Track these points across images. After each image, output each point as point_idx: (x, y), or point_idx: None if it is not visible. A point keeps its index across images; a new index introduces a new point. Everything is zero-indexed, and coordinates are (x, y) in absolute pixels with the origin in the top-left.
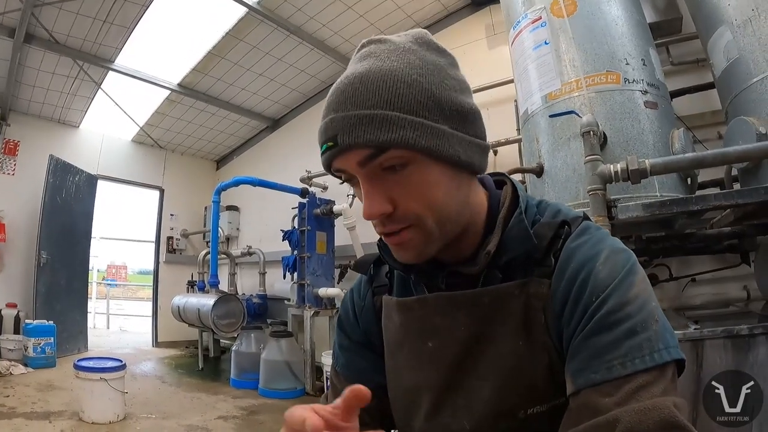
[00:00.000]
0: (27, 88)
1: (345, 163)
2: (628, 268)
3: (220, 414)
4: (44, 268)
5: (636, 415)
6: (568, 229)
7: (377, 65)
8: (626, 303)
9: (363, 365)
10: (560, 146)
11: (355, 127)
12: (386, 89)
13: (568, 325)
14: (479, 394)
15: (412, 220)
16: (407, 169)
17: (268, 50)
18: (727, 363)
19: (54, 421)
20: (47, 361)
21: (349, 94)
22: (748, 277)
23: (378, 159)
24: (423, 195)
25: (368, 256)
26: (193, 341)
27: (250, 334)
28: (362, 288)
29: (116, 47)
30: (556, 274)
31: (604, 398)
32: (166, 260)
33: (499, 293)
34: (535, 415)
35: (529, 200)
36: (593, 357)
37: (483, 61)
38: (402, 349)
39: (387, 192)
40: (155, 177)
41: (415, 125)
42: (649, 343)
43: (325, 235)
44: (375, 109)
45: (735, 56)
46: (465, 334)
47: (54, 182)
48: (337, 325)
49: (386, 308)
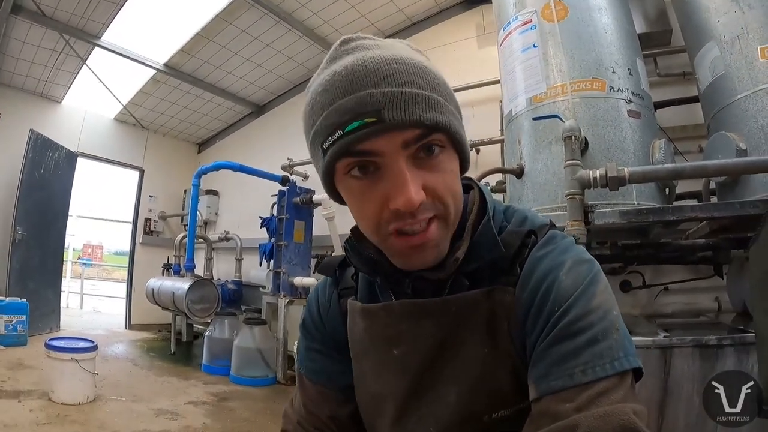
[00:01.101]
0: (11, 60)
1: (385, 144)
2: (591, 278)
3: (191, 399)
4: (19, 244)
5: (595, 420)
6: (534, 238)
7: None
8: (588, 312)
9: (328, 368)
10: (542, 149)
11: (407, 104)
12: (425, 75)
13: (531, 333)
14: (444, 400)
15: (437, 210)
16: (440, 156)
17: (257, 35)
18: (694, 372)
19: (23, 401)
20: (18, 340)
21: (385, 71)
22: (719, 289)
23: (424, 140)
24: (450, 183)
25: (333, 258)
26: (166, 325)
27: (224, 320)
28: (327, 290)
29: (104, 23)
30: (521, 283)
31: (564, 404)
32: (142, 242)
33: (466, 301)
34: (500, 419)
35: (496, 206)
36: (555, 364)
37: (471, 59)
38: (367, 356)
39: (421, 180)
40: (136, 157)
41: (453, 113)
42: (609, 351)
43: (303, 224)
44: (424, 90)
45: (721, 72)
46: (431, 341)
47: (33, 157)
48: (301, 327)
49: (351, 313)
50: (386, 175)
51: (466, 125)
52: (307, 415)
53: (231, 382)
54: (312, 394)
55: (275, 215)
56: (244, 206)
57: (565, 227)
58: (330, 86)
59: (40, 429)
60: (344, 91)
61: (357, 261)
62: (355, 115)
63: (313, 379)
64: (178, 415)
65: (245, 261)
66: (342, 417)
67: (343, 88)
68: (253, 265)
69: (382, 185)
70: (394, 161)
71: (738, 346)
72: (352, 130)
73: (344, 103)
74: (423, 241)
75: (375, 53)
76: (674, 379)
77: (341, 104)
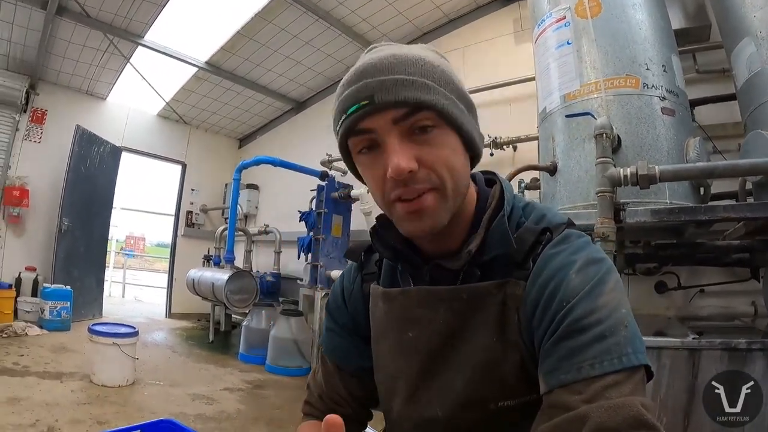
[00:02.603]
0: (57, 59)
1: (377, 122)
2: (600, 277)
3: (226, 386)
4: (65, 234)
5: (605, 411)
6: (549, 235)
7: (405, 51)
8: (594, 310)
9: (347, 349)
10: (575, 146)
11: (394, 87)
12: (420, 65)
13: (538, 329)
14: (452, 385)
15: (433, 183)
16: (434, 132)
17: (296, 33)
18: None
19: (65, 382)
20: (62, 325)
21: (384, 65)
22: (756, 293)
23: (412, 118)
24: (446, 157)
25: (360, 244)
26: (205, 314)
27: (261, 311)
28: (352, 274)
29: (146, 23)
30: (531, 279)
31: (573, 396)
32: (184, 234)
33: (478, 291)
34: (505, 408)
35: (516, 202)
36: (563, 359)
37: (509, 56)
38: (386, 338)
39: (414, 152)
40: (178, 152)
41: (446, 96)
42: (617, 347)
43: (341, 218)
44: (413, 76)
45: (757, 68)
46: (443, 327)
47: (79, 152)
48: (326, 308)
49: (373, 297)
50: (383, 149)
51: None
52: (327, 390)
53: (266, 371)
54: (332, 370)
55: (314, 209)
56: (283, 200)
57: (596, 225)
58: (345, 81)
59: (81, 408)
60: (351, 83)
61: (381, 247)
62: (355, 100)
63: (333, 358)
64: (213, 400)
65: (284, 254)
66: (358, 396)
67: (351, 81)
68: (291, 258)
69: (383, 158)
70: (386, 136)
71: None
72: (352, 113)
73: (349, 92)
74: (418, 207)
75: (382, 53)
76: (702, 381)
77: (347, 93)
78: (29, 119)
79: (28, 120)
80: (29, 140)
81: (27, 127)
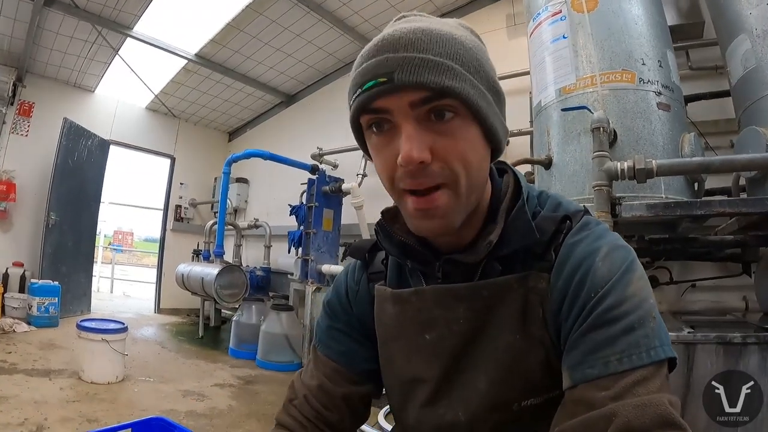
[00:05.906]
0: (44, 51)
1: (394, 102)
2: (627, 265)
3: (217, 382)
4: (52, 229)
5: (633, 409)
6: (569, 223)
7: (436, 26)
8: (624, 300)
9: (351, 349)
10: (570, 140)
11: (418, 68)
12: (449, 45)
13: (566, 321)
14: (475, 386)
15: (446, 178)
16: (453, 122)
17: (287, 26)
18: (717, 368)
19: (54, 379)
20: (50, 321)
21: (409, 39)
22: (747, 288)
23: (432, 103)
24: (463, 152)
25: (364, 241)
26: (195, 309)
27: (252, 306)
28: (357, 273)
29: (136, 14)
30: (556, 269)
31: (600, 392)
32: (173, 228)
33: (499, 286)
34: (530, 407)
35: (530, 191)
36: (590, 352)
37: (501, 50)
38: (396, 341)
39: (429, 141)
40: (167, 145)
41: (472, 83)
42: (646, 340)
43: (332, 212)
44: (439, 57)
45: (752, 65)
46: (464, 327)
47: (67, 145)
48: (325, 305)
49: (379, 299)
50: (397, 133)
51: None
52: (318, 392)
53: (257, 366)
54: (329, 372)
55: (304, 203)
56: (273, 194)
57: None
58: (365, 52)
59: (70, 406)
60: (370, 56)
61: (387, 244)
62: (372, 76)
63: (333, 358)
64: (204, 397)
65: (274, 248)
66: (355, 398)
67: (371, 53)
68: (281, 252)
69: (395, 143)
70: (401, 119)
71: (763, 344)
72: (368, 89)
73: (368, 65)
74: (429, 205)
75: (411, 25)
76: (696, 375)
77: (365, 66)
78: (16, 112)
79: (15, 113)
80: (16, 133)
81: (14, 120)
